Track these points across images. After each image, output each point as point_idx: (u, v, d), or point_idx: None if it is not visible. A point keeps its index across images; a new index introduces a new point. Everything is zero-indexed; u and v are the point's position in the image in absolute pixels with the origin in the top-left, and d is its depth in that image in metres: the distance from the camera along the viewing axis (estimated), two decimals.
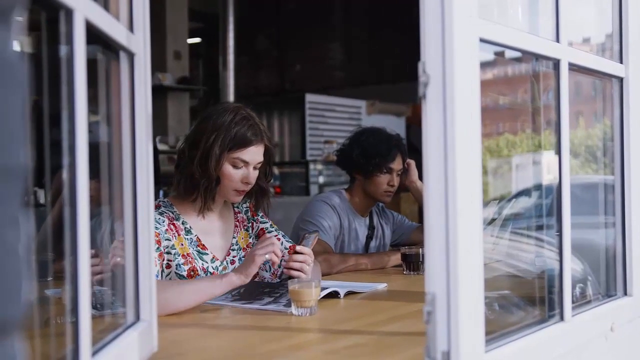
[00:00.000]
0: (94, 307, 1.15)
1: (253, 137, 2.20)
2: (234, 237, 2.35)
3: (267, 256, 1.97)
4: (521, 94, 2.10)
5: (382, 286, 2.36)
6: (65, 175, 1.01)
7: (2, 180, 0.55)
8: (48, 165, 1.08)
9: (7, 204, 0.56)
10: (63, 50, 1.02)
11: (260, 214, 2.45)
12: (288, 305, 1.90)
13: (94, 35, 1.12)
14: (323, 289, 2.04)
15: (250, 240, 2.40)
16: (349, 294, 2.19)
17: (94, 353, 1.09)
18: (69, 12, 0.99)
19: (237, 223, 2.38)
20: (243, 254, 2.34)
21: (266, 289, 2.14)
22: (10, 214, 0.56)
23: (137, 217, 1.37)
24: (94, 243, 1.07)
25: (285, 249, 2.37)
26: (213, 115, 2.20)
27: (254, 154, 2.22)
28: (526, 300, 1.72)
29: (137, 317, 1.37)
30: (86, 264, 1.02)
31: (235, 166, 2.20)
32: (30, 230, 0.60)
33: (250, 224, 2.42)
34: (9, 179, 0.56)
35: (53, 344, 1.24)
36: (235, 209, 2.41)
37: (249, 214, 2.43)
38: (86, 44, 1.04)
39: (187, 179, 2.21)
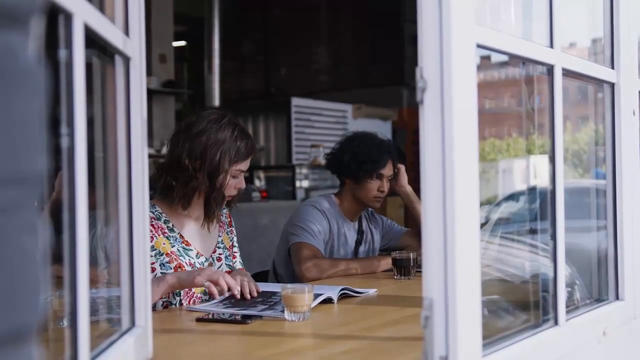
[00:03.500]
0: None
1: (252, 149, 2.34)
2: (220, 236, 2.44)
3: (206, 284, 2.03)
4: (507, 98, 2.11)
5: (372, 291, 2.36)
6: (64, 179, 1.00)
7: (20, 186, 0.55)
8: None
9: (24, 210, 0.55)
10: (61, 54, 1.01)
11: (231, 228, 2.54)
12: (284, 312, 1.90)
13: (90, 39, 1.11)
14: (316, 295, 2.04)
15: (231, 242, 2.50)
16: (343, 296, 2.20)
17: (92, 359, 1.08)
18: (69, 16, 0.99)
19: (221, 223, 2.48)
20: (228, 252, 2.45)
21: (258, 298, 2.13)
22: (27, 221, 0.56)
23: (132, 221, 1.36)
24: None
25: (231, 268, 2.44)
26: (210, 129, 2.27)
27: (249, 162, 2.36)
28: (519, 305, 1.72)
29: (133, 323, 1.36)
30: (85, 270, 1.01)
31: (234, 177, 2.31)
32: (47, 236, 0.59)
33: (230, 230, 2.53)
34: (27, 186, 0.55)
35: (48, 350, 1.23)
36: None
37: (227, 219, 2.53)
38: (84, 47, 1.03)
39: (191, 192, 2.27)
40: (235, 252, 2.51)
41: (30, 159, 0.56)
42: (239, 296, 2.08)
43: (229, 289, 2.07)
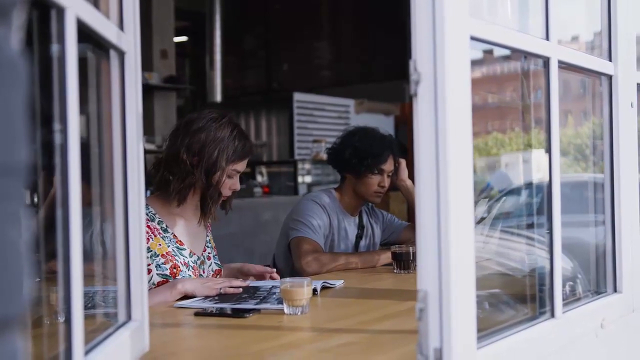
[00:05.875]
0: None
1: (249, 151, 2.36)
2: (207, 236, 2.49)
3: (221, 291, 2.13)
4: (510, 92, 2.10)
5: (339, 283, 2.38)
6: (57, 175, 1.00)
7: (5, 177, 0.55)
8: (39, 165, 1.07)
9: (9, 200, 0.56)
10: (54, 48, 1.01)
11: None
12: (280, 302, 1.90)
13: (84, 34, 1.11)
14: None
15: (214, 243, 2.55)
16: (343, 290, 2.23)
17: (86, 352, 1.09)
18: (61, 11, 0.99)
19: (209, 223, 2.51)
20: (215, 252, 2.50)
21: (244, 293, 2.13)
22: (12, 211, 0.56)
23: (128, 217, 1.37)
24: (83, 243, 1.07)
25: (212, 270, 2.47)
26: (209, 127, 2.29)
27: (245, 164, 2.39)
28: (517, 297, 1.72)
29: (129, 317, 1.37)
30: (78, 264, 1.01)
31: (229, 177, 2.33)
32: (32, 227, 0.60)
33: (210, 230, 2.56)
34: (11, 176, 0.56)
35: (44, 344, 1.23)
36: None
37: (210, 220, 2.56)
38: (77, 42, 1.04)
39: (187, 188, 2.29)
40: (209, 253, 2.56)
41: (14, 150, 0.56)
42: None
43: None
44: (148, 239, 2.22)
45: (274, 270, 2.49)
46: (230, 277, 2.45)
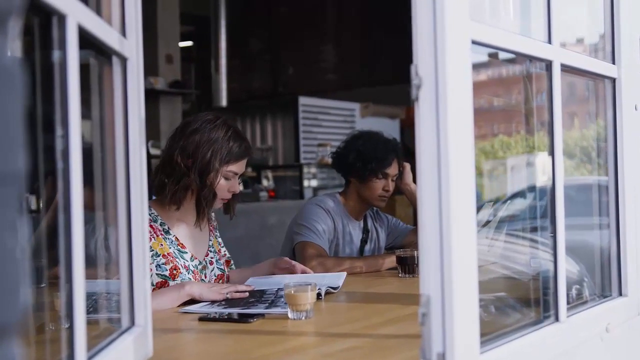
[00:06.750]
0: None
1: (246, 151, 2.36)
2: (210, 240, 2.48)
3: (228, 296, 2.13)
4: (516, 95, 2.10)
5: (342, 276, 2.41)
6: (59, 181, 1.01)
7: (1, 185, 0.56)
8: (41, 171, 1.08)
9: (5, 208, 0.56)
10: (56, 55, 1.02)
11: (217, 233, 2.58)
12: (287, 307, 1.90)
13: (86, 40, 1.11)
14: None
15: (219, 246, 2.54)
16: (327, 293, 2.22)
17: (89, 358, 1.09)
18: (62, 18, 0.99)
19: (211, 228, 2.51)
20: (218, 256, 2.48)
21: (251, 298, 2.13)
22: (8, 219, 0.56)
23: (131, 222, 1.37)
24: (87, 249, 1.07)
25: (214, 275, 2.46)
26: (204, 128, 2.30)
27: (243, 165, 2.38)
28: (521, 301, 1.72)
29: (132, 322, 1.37)
30: (80, 270, 1.02)
31: (226, 178, 2.33)
32: (28, 235, 0.60)
33: (217, 234, 2.56)
34: (7, 184, 0.56)
35: (47, 350, 1.24)
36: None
37: (215, 222, 2.57)
38: (79, 48, 1.04)
39: (183, 190, 2.29)
40: (225, 252, 2.56)
41: (10, 157, 0.57)
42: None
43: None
44: (150, 238, 2.22)
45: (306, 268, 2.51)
46: (267, 274, 2.49)
